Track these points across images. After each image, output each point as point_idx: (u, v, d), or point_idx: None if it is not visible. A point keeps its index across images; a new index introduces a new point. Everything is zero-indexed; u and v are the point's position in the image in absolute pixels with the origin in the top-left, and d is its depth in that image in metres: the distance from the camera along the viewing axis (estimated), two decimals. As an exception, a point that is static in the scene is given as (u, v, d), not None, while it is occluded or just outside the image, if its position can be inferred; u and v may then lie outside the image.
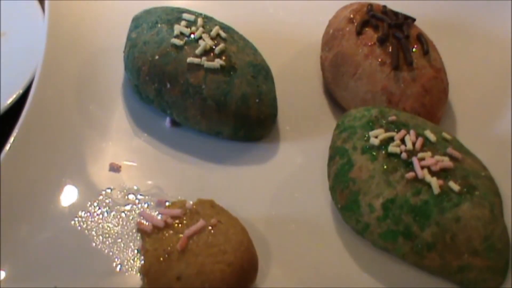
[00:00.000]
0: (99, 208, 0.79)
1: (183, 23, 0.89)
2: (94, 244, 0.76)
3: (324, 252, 0.78)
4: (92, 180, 0.82)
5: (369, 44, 0.89)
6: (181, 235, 0.70)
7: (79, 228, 0.77)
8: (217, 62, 0.85)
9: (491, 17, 1.05)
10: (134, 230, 0.77)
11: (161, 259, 0.69)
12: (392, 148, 0.77)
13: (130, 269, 0.74)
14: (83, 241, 0.76)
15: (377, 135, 0.79)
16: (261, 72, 0.88)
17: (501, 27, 1.04)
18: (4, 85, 0.93)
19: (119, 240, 0.77)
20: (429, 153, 0.77)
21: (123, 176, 0.80)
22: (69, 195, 0.80)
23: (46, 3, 0.98)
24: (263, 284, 0.74)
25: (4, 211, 0.76)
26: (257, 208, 0.81)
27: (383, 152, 0.77)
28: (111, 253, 0.75)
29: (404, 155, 0.77)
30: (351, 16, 0.93)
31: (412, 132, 0.79)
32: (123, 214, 0.79)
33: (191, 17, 0.90)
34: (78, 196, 0.80)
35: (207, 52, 0.86)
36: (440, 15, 1.05)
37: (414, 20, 0.93)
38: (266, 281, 0.74)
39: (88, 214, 0.79)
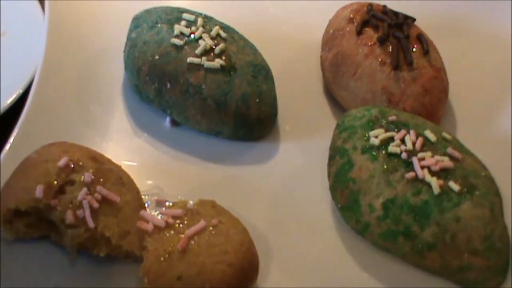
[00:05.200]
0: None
1: (183, 23, 0.89)
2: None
3: (324, 252, 0.78)
4: (92, 180, 0.82)
5: (369, 44, 0.89)
6: (182, 235, 0.70)
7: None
8: (217, 62, 0.85)
9: (491, 17, 1.05)
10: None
11: (162, 259, 0.69)
12: (392, 148, 0.77)
13: (130, 268, 0.74)
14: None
15: (377, 135, 0.79)
16: (261, 72, 0.88)
17: (501, 27, 1.04)
18: (4, 85, 0.93)
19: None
20: (429, 153, 0.77)
21: (123, 176, 0.80)
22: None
23: (46, 3, 0.98)
24: (263, 284, 0.74)
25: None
26: (258, 208, 0.81)
27: (383, 152, 0.77)
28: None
29: (404, 155, 0.77)
30: (351, 16, 0.93)
31: (412, 132, 0.79)
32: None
33: (191, 17, 0.90)
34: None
35: (207, 52, 0.86)
36: (440, 15, 1.05)
37: (414, 20, 0.93)
38: (266, 281, 0.74)
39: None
